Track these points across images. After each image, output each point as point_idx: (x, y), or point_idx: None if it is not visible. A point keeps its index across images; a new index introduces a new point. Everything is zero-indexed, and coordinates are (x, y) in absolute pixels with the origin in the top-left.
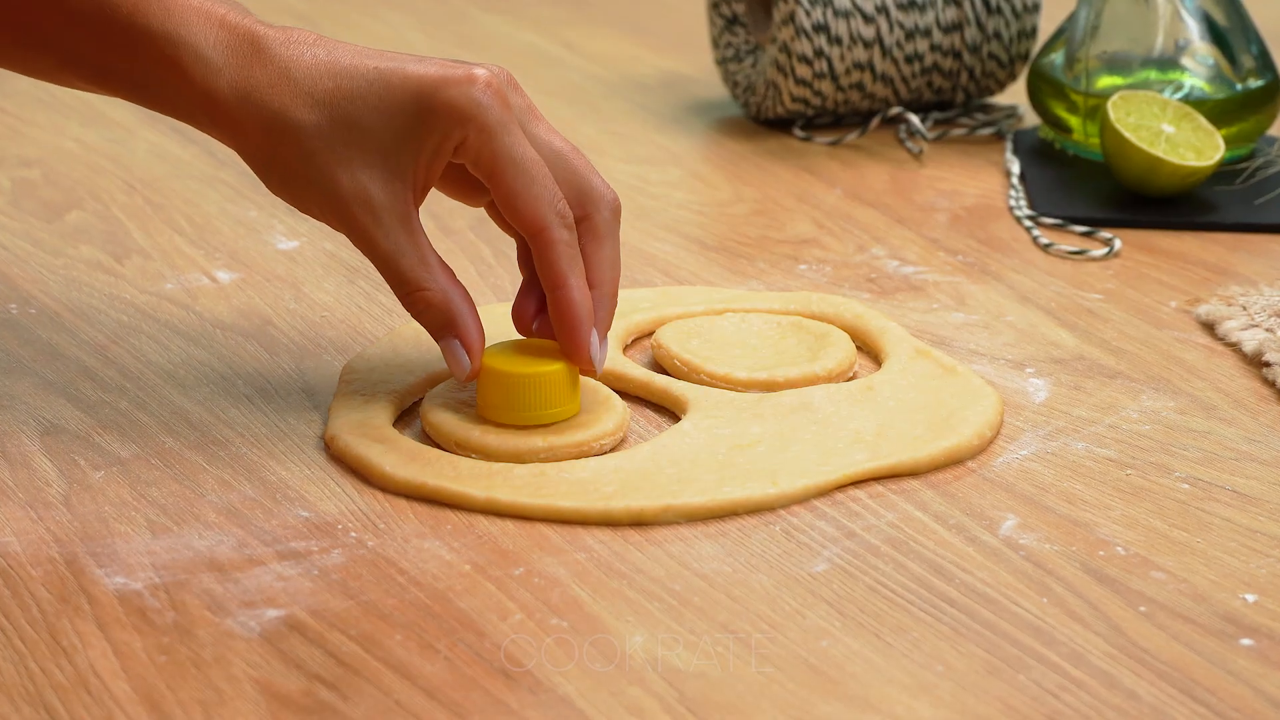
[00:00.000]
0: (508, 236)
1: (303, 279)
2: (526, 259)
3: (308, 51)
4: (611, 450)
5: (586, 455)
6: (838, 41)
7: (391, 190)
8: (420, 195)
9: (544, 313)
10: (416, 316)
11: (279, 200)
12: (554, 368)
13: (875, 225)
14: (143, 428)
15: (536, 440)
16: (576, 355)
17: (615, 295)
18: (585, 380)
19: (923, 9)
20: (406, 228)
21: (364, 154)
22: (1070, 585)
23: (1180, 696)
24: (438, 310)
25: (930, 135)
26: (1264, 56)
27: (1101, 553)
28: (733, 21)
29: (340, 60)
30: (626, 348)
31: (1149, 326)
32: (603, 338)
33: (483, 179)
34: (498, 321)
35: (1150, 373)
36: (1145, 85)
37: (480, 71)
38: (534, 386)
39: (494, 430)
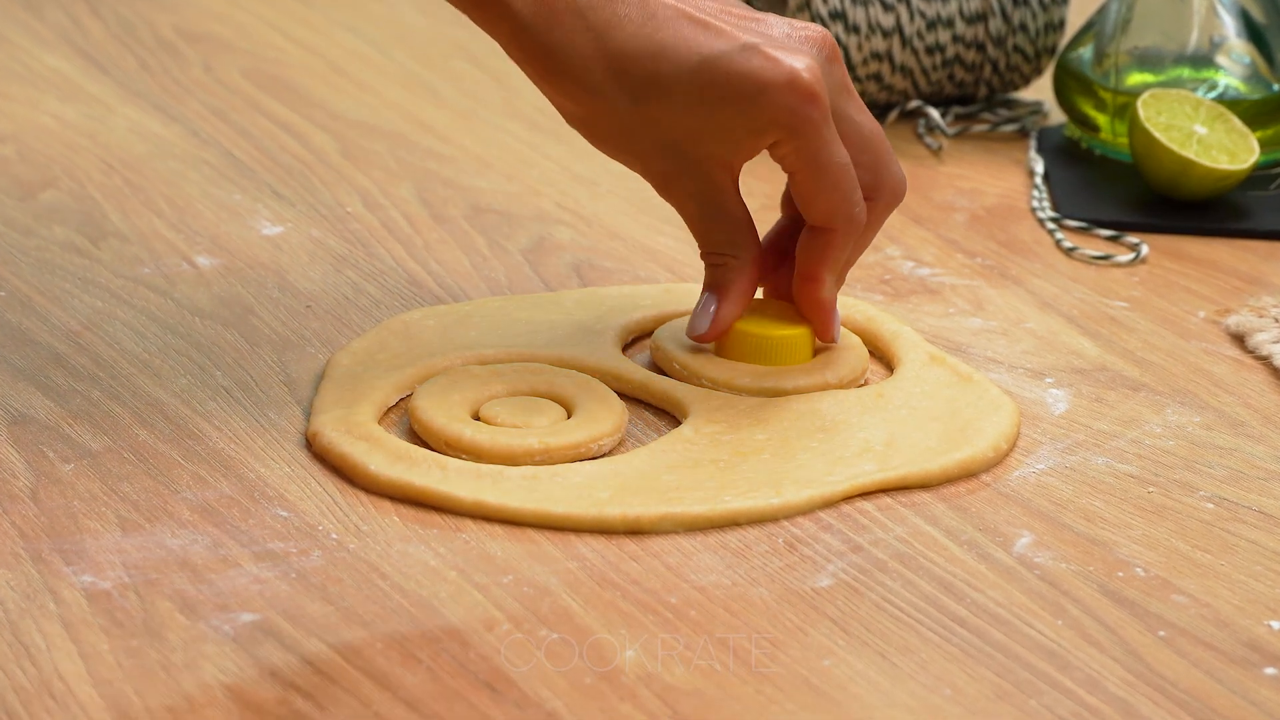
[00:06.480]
0: (503, 228)
1: (287, 267)
2: (789, 201)
3: (623, 12)
4: (609, 453)
5: (582, 458)
6: (855, 30)
7: (703, 168)
8: (736, 169)
9: (782, 269)
10: (705, 268)
11: (264, 184)
12: (797, 332)
13: (890, 224)
14: (115, 419)
15: (531, 441)
16: (823, 335)
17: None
18: (581, 379)
19: None
20: (717, 198)
21: (678, 138)
22: (1087, 607)
23: None
24: (720, 273)
25: (950, 131)
26: None
27: (1120, 574)
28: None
29: (662, 39)
30: (626, 347)
31: (1175, 337)
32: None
33: (786, 173)
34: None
35: (1176, 385)
36: (1177, 83)
37: (803, 70)
38: (779, 347)
39: (486, 429)
